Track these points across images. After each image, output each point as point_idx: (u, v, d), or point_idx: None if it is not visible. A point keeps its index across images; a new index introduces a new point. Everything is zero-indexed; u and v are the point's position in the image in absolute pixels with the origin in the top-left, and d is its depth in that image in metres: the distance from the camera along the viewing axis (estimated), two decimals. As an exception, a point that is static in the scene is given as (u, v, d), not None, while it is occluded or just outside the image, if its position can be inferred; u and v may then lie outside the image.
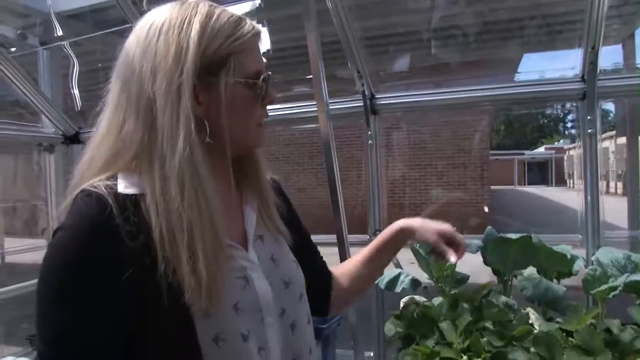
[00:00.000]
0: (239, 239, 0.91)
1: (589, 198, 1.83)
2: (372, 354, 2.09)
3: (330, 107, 1.93)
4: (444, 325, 1.28)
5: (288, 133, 10.85)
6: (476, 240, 1.68)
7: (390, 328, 1.44)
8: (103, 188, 0.77)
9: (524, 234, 1.59)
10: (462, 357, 1.19)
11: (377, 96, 2.15)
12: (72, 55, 3.19)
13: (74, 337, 0.72)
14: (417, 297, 1.69)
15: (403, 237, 1.14)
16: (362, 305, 1.96)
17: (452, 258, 1.07)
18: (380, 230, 2.08)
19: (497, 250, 1.61)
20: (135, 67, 0.81)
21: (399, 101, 2.16)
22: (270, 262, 0.95)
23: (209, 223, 0.78)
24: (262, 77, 0.87)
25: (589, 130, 1.86)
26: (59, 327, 0.72)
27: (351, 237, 2.05)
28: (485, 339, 1.22)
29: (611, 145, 26.65)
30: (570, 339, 1.24)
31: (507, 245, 1.59)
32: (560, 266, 1.56)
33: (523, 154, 33.21)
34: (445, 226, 1.12)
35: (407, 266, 1.90)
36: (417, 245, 1.73)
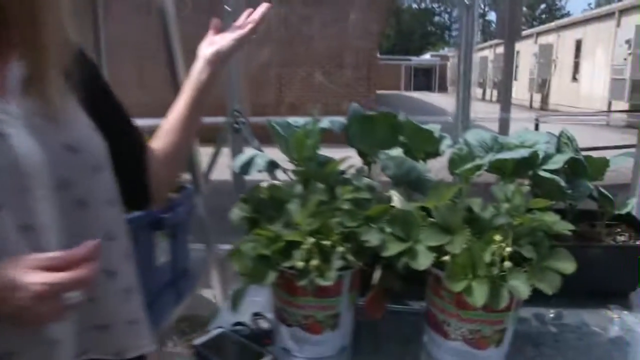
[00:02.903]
0: None
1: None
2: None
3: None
4: (292, 205, 1.11)
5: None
6: (340, 119, 1.51)
7: (237, 213, 1.26)
8: None
9: (391, 111, 1.44)
10: (308, 239, 1.03)
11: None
12: None
13: None
14: (277, 183, 1.51)
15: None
16: (217, 197, 1.76)
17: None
18: (239, 111, 1.86)
19: (362, 129, 1.45)
20: None
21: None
22: (46, 121, 0.73)
23: None
24: None
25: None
26: None
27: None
28: (337, 219, 1.07)
29: (490, 54, 28.05)
30: (430, 219, 1.13)
31: (372, 123, 1.44)
32: (427, 145, 1.44)
33: (410, 59, 33.96)
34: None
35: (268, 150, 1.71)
36: (274, 123, 1.52)
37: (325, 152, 1.45)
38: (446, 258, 1.01)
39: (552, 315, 1.40)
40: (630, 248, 1.46)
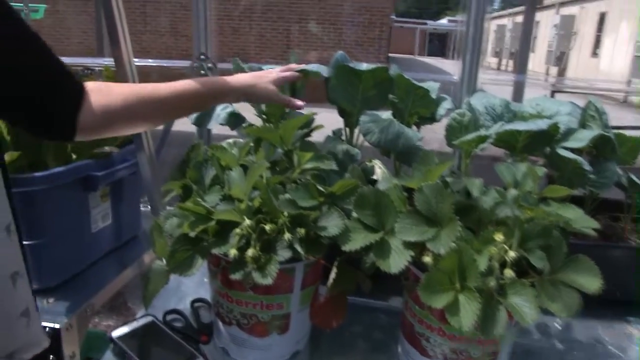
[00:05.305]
0: None
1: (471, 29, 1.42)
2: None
3: None
4: (233, 173, 0.84)
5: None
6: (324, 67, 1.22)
7: (174, 177, 1.00)
8: None
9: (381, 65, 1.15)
10: (246, 220, 0.77)
11: None
12: None
13: None
14: (242, 141, 1.25)
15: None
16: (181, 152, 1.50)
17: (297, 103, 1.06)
18: (206, 55, 1.57)
19: (345, 82, 1.17)
20: None
21: None
22: None
23: None
24: None
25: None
26: None
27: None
28: (287, 196, 0.80)
29: (509, 23, 27.17)
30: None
31: (357, 77, 1.16)
32: (422, 107, 1.17)
33: (426, 23, 32.96)
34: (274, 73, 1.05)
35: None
36: (241, 63, 1.25)
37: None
38: (427, 259, 0.75)
39: (559, 327, 1.15)
40: (660, 249, 1.20)
